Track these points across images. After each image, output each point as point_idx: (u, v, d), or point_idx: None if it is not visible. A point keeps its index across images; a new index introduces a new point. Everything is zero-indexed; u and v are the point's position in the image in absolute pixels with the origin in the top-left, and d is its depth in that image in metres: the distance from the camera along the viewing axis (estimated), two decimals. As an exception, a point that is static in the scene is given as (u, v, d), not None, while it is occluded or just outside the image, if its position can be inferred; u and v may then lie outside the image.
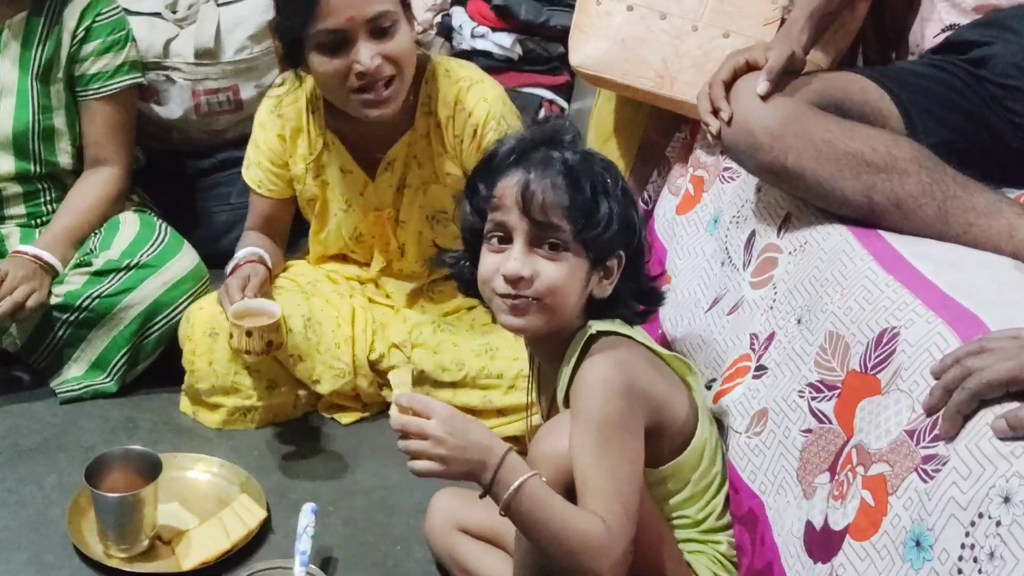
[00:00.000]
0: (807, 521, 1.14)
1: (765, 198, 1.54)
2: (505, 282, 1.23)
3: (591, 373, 1.21)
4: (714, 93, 1.43)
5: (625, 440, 1.18)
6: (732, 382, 1.39)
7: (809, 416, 1.23)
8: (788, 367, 1.29)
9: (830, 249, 1.34)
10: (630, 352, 1.25)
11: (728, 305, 1.50)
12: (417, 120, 1.76)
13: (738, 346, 1.42)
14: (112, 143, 1.94)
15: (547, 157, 1.24)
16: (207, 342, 1.77)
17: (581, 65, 1.77)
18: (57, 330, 1.84)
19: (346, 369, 1.80)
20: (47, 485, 1.64)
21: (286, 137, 1.80)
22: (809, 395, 1.23)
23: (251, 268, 1.76)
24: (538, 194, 1.21)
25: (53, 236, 1.86)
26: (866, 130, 1.37)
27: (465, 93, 1.74)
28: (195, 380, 1.78)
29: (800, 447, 1.24)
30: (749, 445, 1.33)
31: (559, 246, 1.23)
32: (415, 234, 1.86)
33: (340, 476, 1.73)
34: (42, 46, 1.85)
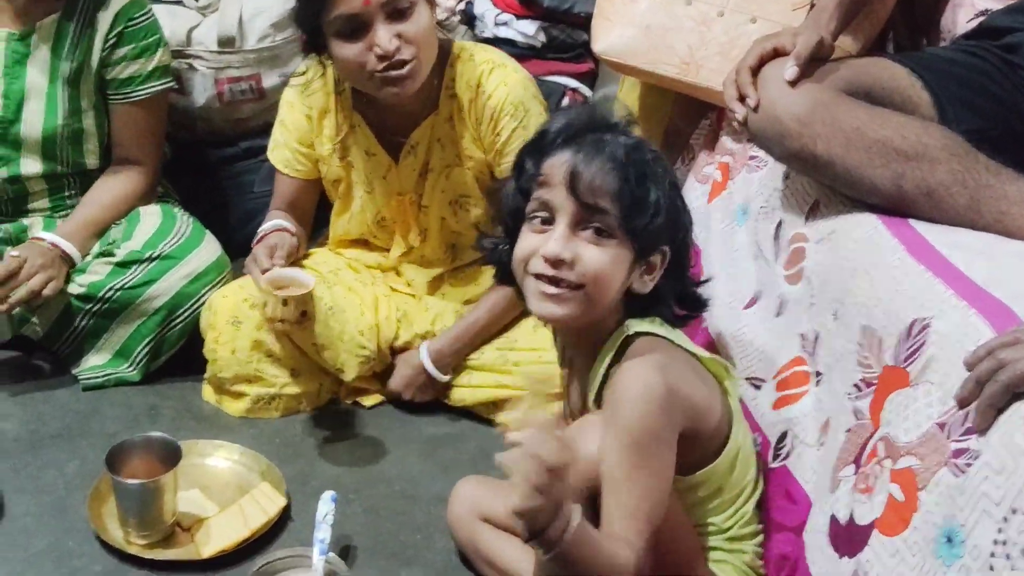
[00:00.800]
0: (831, 515, 1.12)
1: (792, 186, 1.52)
2: (544, 263, 1.18)
3: (630, 380, 1.14)
4: (741, 79, 1.40)
5: (662, 455, 1.13)
6: (796, 389, 1.34)
7: (851, 416, 1.20)
8: (837, 369, 1.25)
9: (859, 238, 1.32)
10: (670, 357, 1.19)
11: (772, 305, 1.46)
12: (440, 103, 1.76)
13: (789, 348, 1.38)
14: (141, 145, 1.93)
15: (599, 140, 1.21)
16: (230, 331, 1.76)
17: (605, 53, 1.75)
18: (79, 320, 1.84)
19: (371, 356, 1.80)
20: (68, 471, 1.64)
21: (313, 118, 1.80)
22: (854, 395, 1.20)
23: (278, 237, 1.75)
24: (587, 175, 1.18)
25: (74, 226, 1.86)
26: (896, 117, 1.34)
27: (486, 76, 1.73)
28: (218, 369, 1.78)
29: (839, 447, 1.20)
30: (818, 457, 1.27)
31: (604, 232, 1.19)
32: (437, 219, 1.85)
33: (361, 464, 1.72)
34: (73, 50, 1.83)
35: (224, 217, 2.26)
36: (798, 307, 1.41)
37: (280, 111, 1.85)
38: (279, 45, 2.27)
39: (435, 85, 1.73)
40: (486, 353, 1.81)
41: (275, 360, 1.79)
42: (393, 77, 1.61)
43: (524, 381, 1.10)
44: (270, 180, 2.32)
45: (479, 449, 1.77)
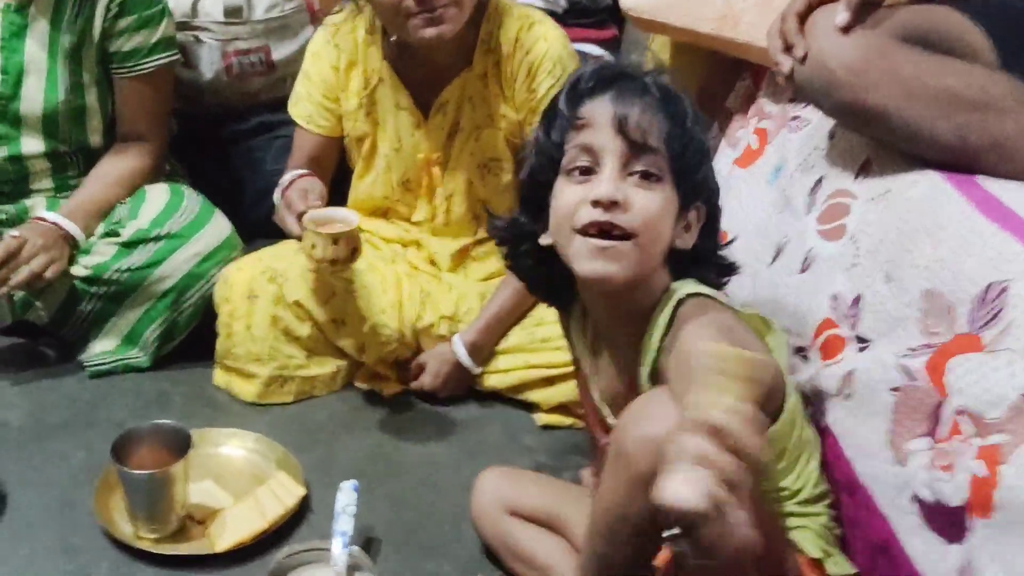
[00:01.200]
0: (913, 494, 1.01)
1: (839, 144, 1.41)
2: (594, 209, 1.07)
3: (694, 338, 1.01)
4: (787, 27, 1.30)
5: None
6: (833, 358, 1.24)
7: (897, 373, 1.10)
8: (891, 337, 1.15)
9: (919, 197, 1.21)
10: (726, 316, 1.09)
11: (796, 260, 1.37)
12: (476, 59, 1.67)
13: (816, 310, 1.29)
14: (146, 121, 1.85)
15: (641, 82, 1.13)
16: (246, 305, 1.68)
17: (634, 9, 1.65)
18: (85, 303, 1.76)
19: (393, 336, 1.72)
20: (74, 463, 1.57)
21: (340, 69, 1.72)
22: (902, 354, 1.10)
23: (307, 182, 1.65)
24: (635, 112, 1.09)
25: (77, 205, 1.78)
26: (958, 65, 1.23)
27: (526, 31, 1.66)
28: (232, 344, 1.70)
29: (891, 407, 1.11)
30: (844, 407, 1.21)
31: (652, 175, 1.10)
32: (464, 183, 1.76)
33: (383, 452, 1.63)
34: (73, 21, 1.75)
35: (235, 196, 2.16)
36: (832, 266, 1.30)
37: (304, 62, 1.77)
38: (289, 15, 2.18)
39: (471, 39, 1.66)
40: (512, 335, 1.73)
41: (292, 339, 1.71)
42: (431, 18, 1.52)
43: (711, 360, 0.82)
44: (283, 157, 2.23)
45: (505, 432, 1.69)
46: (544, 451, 1.65)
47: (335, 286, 1.71)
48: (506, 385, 1.73)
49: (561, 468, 1.58)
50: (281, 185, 1.68)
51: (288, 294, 1.68)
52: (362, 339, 1.72)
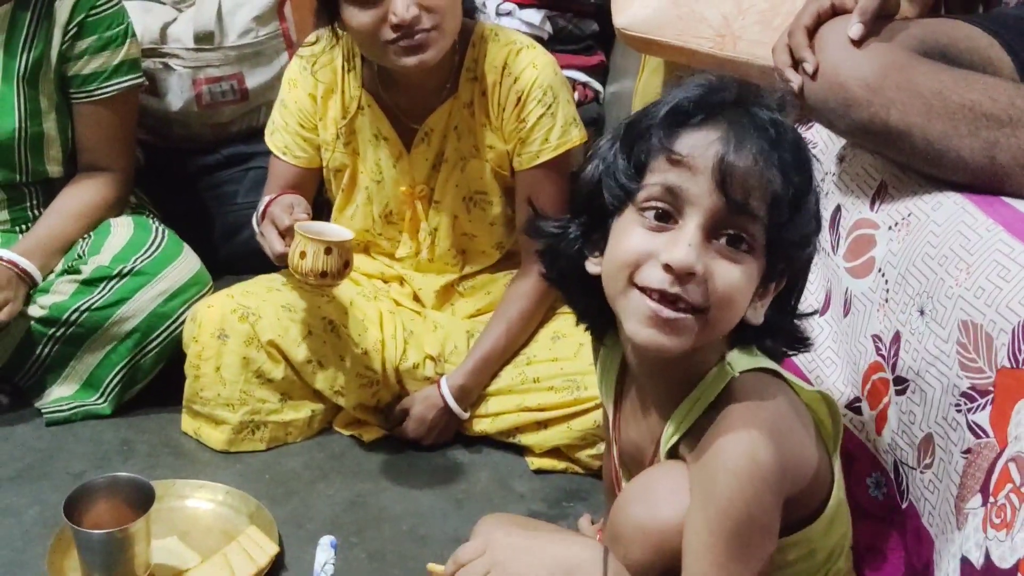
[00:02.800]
0: (962, 557, 0.91)
1: (851, 168, 1.33)
2: (665, 274, 0.90)
3: (737, 449, 0.90)
4: (795, 41, 1.22)
5: (763, 546, 0.92)
6: (880, 402, 1.14)
7: (967, 433, 1.00)
8: (931, 375, 1.06)
9: (944, 220, 1.13)
10: (781, 405, 0.95)
11: (839, 303, 1.27)
12: (461, 86, 1.59)
13: (864, 354, 1.19)
14: (110, 149, 1.75)
15: (757, 118, 0.92)
16: (216, 345, 1.57)
17: (628, 27, 1.57)
18: (42, 347, 1.64)
19: (375, 377, 1.62)
20: (27, 519, 1.44)
21: (317, 97, 1.64)
22: (965, 407, 1.00)
23: (292, 197, 1.55)
24: (744, 165, 0.89)
25: (35, 241, 1.67)
26: (982, 79, 1.16)
27: (514, 57, 1.57)
28: (200, 387, 1.59)
29: (960, 471, 1.00)
30: (923, 481, 1.08)
31: (743, 243, 0.91)
32: (449, 217, 1.66)
33: (363, 503, 1.52)
34: (29, 44, 1.65)
35: (205, 231, 2.08)
36: (868, 304, 1.22)
37: (281, 90, 1.68)
38: (263, 41, 2.10)
39: (455, 65, 1.57)
40: (502, 374, 1.63)
41: (265, 381, 1.60)
42: (411, 46, 1.44)
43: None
44: (256, 189, 2.15)
45: (495, 479, 1.59)
46: (538, 498, 1.55)
47: (311, 325, 1.60)
48: (497, 429, 1.63)
49: (557, 516, 1.49)
50: (259, 207, 1.59)
51: (262, 333, 1.58)
52: (341, 381, 1.61)
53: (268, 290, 1.63)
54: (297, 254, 1.40)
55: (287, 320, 1.60)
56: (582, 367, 1.56)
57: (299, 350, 1.59)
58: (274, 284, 1.66)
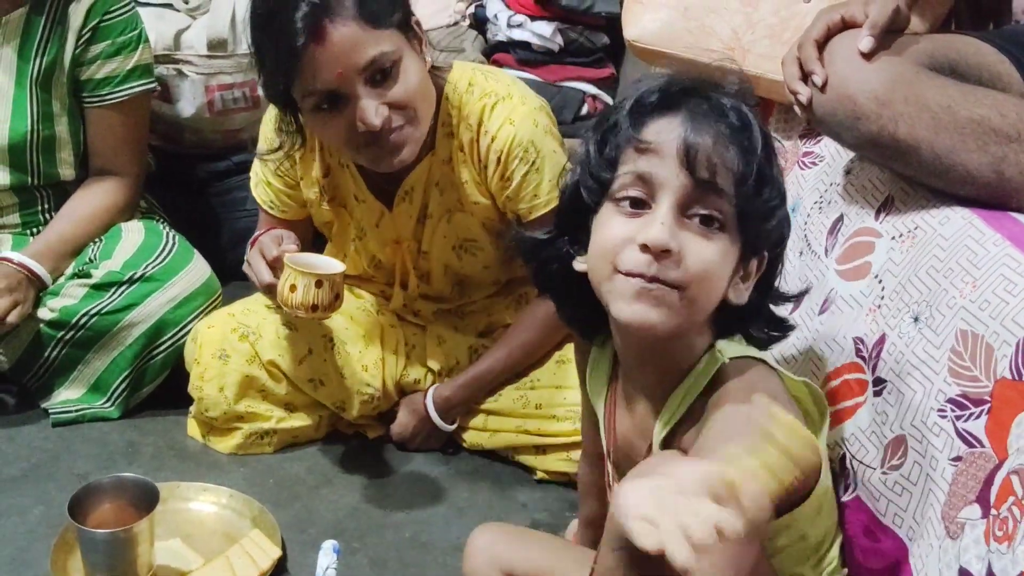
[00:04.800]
0: (961, 569, 0.91)
1: (857, 180, 1.33)
2: (642, 253, 0.93)
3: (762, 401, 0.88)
4: (805, 54, 1.22)
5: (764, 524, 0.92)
6: (848, 401, 1.15)
7: (957, 440, 1.00)
8: (914, 378, 1.06)
9: (951, 235, 1.13)
10: (772, 384, 0.97)
11: (816, 302, 1.28)
12: (438, 143, 1.49)
13: (839, 353, 1.20)
14: (121, 154, 1.75)
15: (717, 102, 0.96)
16: (216, 366, 1.57)
17: (638, 39, 1.57)
18: (51, 349, 1.65)
19: (376, 393, 1.62)
20: (31, 518, 1.44)
21: (296, 159, 1.55)
22: (952, 413, 1.01)
23: (281, 231, 1.50)
24: (706, 145, 0.93)
25: (45, 244, 1.68)
26: (991, 94, 1.16)
27: (488, 113, 1.46)
28: (204, 408, 1.59)
29: (950, 479, 1.00)
30: (886, 482, 1.09)
31: (714, 221, 0.95)
32: (440, 265, 1.62)
33: (366, 508, 1.52)
34: (43, 47, 1.66)
35: (213, 237, 2.09)
36: (855, 307, 1.22)
37: (259, 144, 1.57)
38: (275, 49, 2.10)
39: (431, 124, 1.45)
40: (503, 395, 1.61)
41: (268, 396, 1.60)
42: (386, 150, 1.36)
43: (769, 423, 0.76)
44: (264, 197, 2.16)
45: (496, 488, 1.59)
46: (540, 508, 1.54)
47: (311, 343, 1.60)
48: (493, 446, 1.62)
49: (559, 526, 1.48)
50: (250, 241, 1.56)
51: (262, 353, 1.57)
52: (343, 397, 1.61)
53: (268, 308, 1.61)
54: (287, 287, 1.36)
55: (287, 340, 1.59)
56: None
57: (300, 369, 1.59)
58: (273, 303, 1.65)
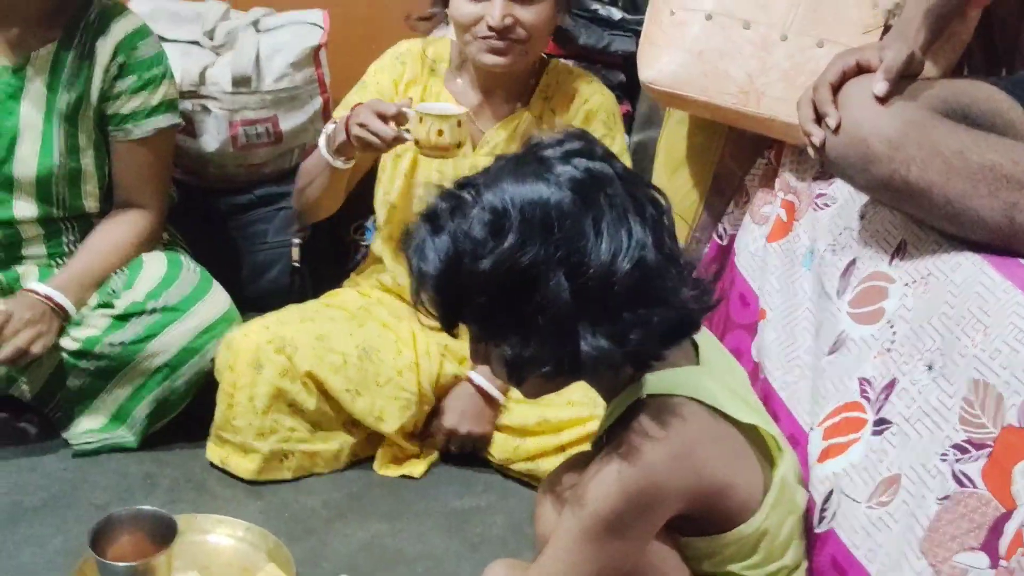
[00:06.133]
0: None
1: (871, 225, 1.34)
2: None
3: (617, 463, 1.04)
4: (820, 96, 1.24)
5: (610, 545, 1.06)
6: (843, 437, 1.17)
7: (950, 480, 1.01)
8: (925, 424, 1.07)
9: (962, 281, 1.14)
10: (682, 432, 1.04)
11: (827, 341, 1.29)
12: (532, 103, 1.75)
13: (842, 391, 1.20)
14: (145, 187, 1.78)
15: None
16: (251, 374, 1.60)
17: (654, 81, 1.59)
18: (73, 379, 1.67)
19: (412, 399, 1.64)
20: (50, 548, 1.46)
21: (400, 82, 1.76)
22: (952, 456, 1.01)
23: (372, 102, 1.59)
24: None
25: (70, 276, 1.70)
26: (1003, 141, 1.17)
27: (586, 85, 1.76)
28: (233, 415, 1.61)
29: (932, 515, 1.01)
30: (870, 517, 1.11)
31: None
32: None
33: (379, 543, 1.53)
34: (71, 82, 1.69)
35: (233, 269, 2.12)
36: (864, 349, 1.23)
37: (365, 76, 1.79)
38: (299, 86, 2.14)
39: (531, 85, 1.75)
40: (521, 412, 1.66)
41: (296, 411, 1.62)
42: (496, 48, 1.63)
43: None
44: (284, 230, 2.19)
45: (509, 523, 1.59)
46: (554, 545, 1.54)
47: (346, 354, 1.63)
48: (518, 458, 1.65)
49: (572, 564, 1.47)
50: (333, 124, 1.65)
51: (299, 364, 1.60)
52: (380, 406, 1.63)
53: (302, 320, 1.66)
54: (434, 132, 1.50)
55: (322, 350, 1.62)
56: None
57: (336, 379, 1.61)
58: (306, 314, 1.69)
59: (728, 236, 1.74)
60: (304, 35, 2.15)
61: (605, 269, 0.98)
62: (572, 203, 0.99)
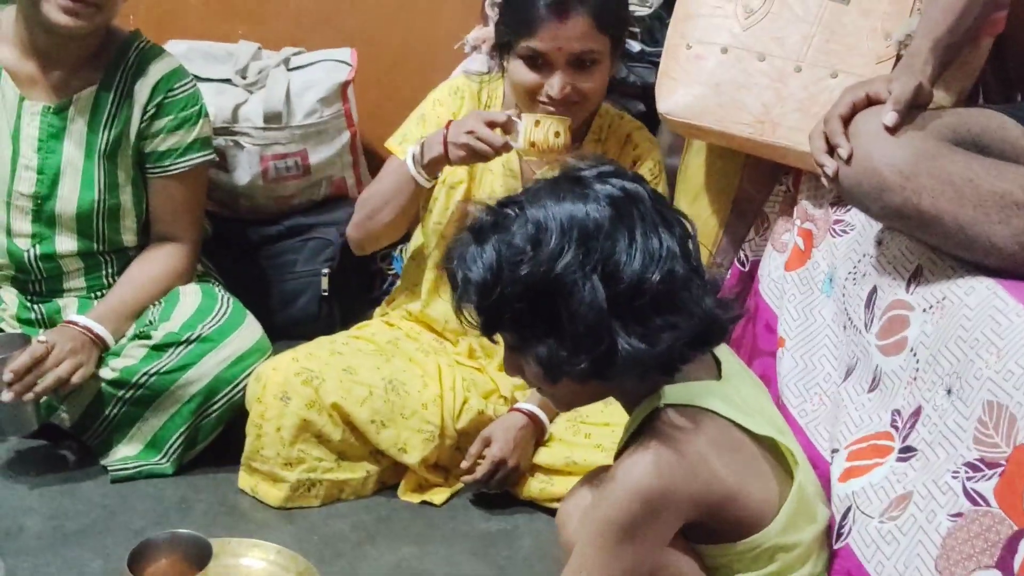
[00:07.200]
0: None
1: (888, 251, 1.37)
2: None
3: (628, 470, 1.09)
4: (831, 128, 1.27)
5: (626, 550, 1.10)
6: (868, 460, 1.19)
7: (962, 498, 1.03)
8: (943, 447, 1.10)
9: (976, 305, 1.16)
10: (693, 439, 1.09)
11: (866, 379, 1.31)
12: (585, 145, 1.79)
13: (877, 423, 1.23)
14: (181, 221, 1.84)
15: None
16: (278, 407, 1.64)
17: (671, 113, 1.63)
18: (112, 407, 1.72)
19: (435, 431, 1.68)
20: (90, 572, 1.50)
21: (458, 117, 1.77)
22: (964, 474, 1.04)
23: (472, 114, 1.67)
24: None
25: (108, 308, 1.76)
26: (1013, 168, 1.20)
27: (637, 132, 1.82)
28: (261, 446, 1.65)
29: (944, 532, 1.04)
30: (880, 531, 1.13)
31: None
32: None
33: (408, 566, 1.56)
34: (111, 122, 1.76)
35: (263, 297, 2.17)
36: (895, 381, 1.25)
37: (421, 107, 1.84)
38: (326, 121, 2.21)
39: (583, 128, 1.78)
40: (554, 428, 1.70)
41: (323, 442, 1.66)
42: (552, 111, 1.65)
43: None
44: (313, 259, 2.25)
45: (536, 547, 1.61)
46: (579, 568, 1.56)
47: (372, 386, 1.67)
48: (547, 496, 1.67)
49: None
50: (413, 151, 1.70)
51: (325, 396, 1.64)
52: (404, 438, 1.67)
53: (331, 353, 1.70)
54: (551, 133, 1.59)
55: (349, 382, 1.66)
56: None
57: (362, 411, 1.65)
58: (335, 347, 1.72)
59: (750, 262, 1.77)
60: (333, 72, 2.22)
61: (638, 277, 1.05)
62: (608, 216, 1.07)
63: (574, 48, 1.61)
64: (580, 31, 1.60)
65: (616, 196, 1.08)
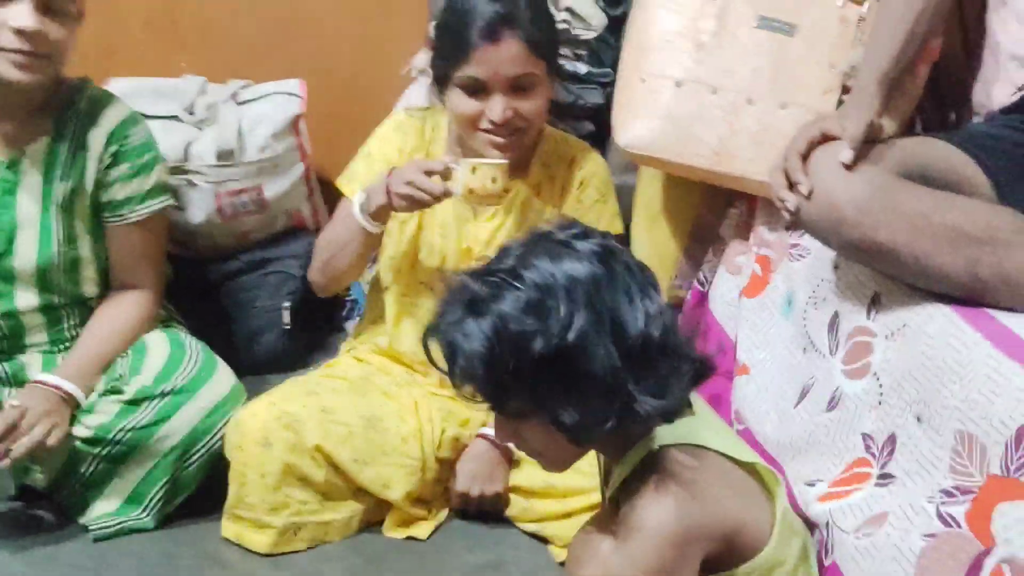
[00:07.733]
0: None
1: (845, 276, 1.43)
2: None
3: (646, 512, 1.11)
4: (790, 165, 1.33)
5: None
6: (848, 487, 1.26)
7: (935, 520, 1.10)
8: (920, 476, 1.17)
9: (936, 333, 1.23)
10: (698, 477, 1.13)
11: (823, 399, 1.38)
12: (531, 170, 1.81)
13: (850, 448, 1.30)
14: (142, 267, 1.83)
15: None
16: (259, 453, 1.64)
17: (631, 146, 1.68)
18: (87, 465, 1.70)
19: (416, 465, 1.70)
20: (83, 638, 1.49)
21: (405, 152, 1.81)
22: (939, 500, 1.10)
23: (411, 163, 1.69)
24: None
25: (76, 364, 1.74)
26: (961, 201, 1.27)
27: (582, 154, 1.84)
28: (245, 493, 1.65)
29: (918, 551, 1.11)
30: (857, 547, 1.20)
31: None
32: None
33: (398, 605, 1.58)
34: (66, 174, 1.73)
35: (227, 336, 2.16)
36: (859, 404, 1.32)
37: (368, 144, 1.85)
38: (280, 155, 2.21)
39: (529, 154, 1.81)
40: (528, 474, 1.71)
41: (307, 484, 1.67)
42: (499, 143, 1.69)
43: None
44: (275, 294, 2.25)
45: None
46: (566, 595, 1.61)
47: (351, 425, 1.68)
48: (527, 519, 1.71)
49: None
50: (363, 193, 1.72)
51: (307, 439, 1.65)
52: (387, 474, 1.69)
53: (307, 394, 1.70)
54: (488, 179, 1.61)
55: (328, 423, 1.67)
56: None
57: (343, 450, 1.66)
58: (309, 387, 1.73)
59: (709, 283, 1.83)
60: (283, 105, 2.21)
61: (642, 332, 1.07)
62: (603, 275, 1.09)
63: (510, 72, 1.65)
64: (513, 53, 1.64)
65: (600, 253, 1.11)
